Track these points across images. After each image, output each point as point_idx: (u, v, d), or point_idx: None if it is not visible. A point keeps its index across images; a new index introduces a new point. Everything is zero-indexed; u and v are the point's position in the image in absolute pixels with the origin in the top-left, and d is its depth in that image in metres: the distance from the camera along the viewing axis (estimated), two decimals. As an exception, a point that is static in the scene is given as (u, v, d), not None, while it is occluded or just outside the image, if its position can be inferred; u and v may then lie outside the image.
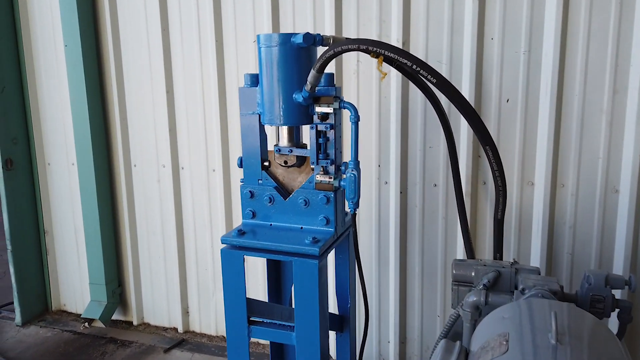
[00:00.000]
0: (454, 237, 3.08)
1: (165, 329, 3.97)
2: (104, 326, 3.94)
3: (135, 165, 3.83)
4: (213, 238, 3.67)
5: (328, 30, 3.06)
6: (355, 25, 3.03)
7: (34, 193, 4.12)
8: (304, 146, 2.15)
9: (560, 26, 2.64)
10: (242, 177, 2.21)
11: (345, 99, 3.13)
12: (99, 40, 3.70)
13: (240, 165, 2.20)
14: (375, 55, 1.88)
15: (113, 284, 3.97)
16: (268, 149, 2.21)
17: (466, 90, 2.85)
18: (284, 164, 2.15)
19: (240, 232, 2.08)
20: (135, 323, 4.03)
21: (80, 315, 4.03)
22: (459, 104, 1.75)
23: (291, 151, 2.12)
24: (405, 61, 1.70)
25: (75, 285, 4.23)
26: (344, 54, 3.13)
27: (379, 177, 3.16)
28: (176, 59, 3.53)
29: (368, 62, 3.05)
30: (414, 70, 1.71)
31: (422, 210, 3.11)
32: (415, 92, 2.97)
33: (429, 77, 1.71)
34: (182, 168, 3.69)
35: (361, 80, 3.10)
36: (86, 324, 3.97)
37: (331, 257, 2.50)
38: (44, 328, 4.04)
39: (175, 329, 3.93)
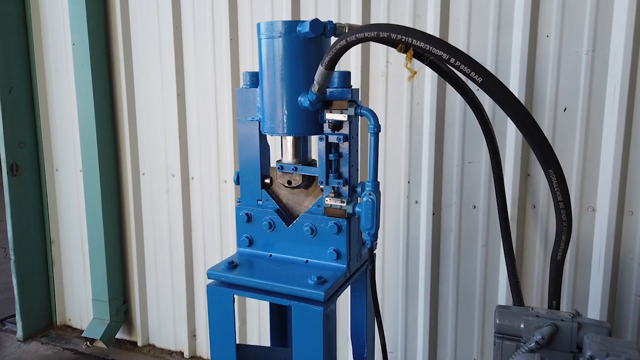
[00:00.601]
0: (495, 268, 2.63)
1: (170, 353, 3.64)
2: (106, 347, 3.65)
3: (143, 174, 3.54)
4: (223, 255, 3.32)
5: (353, 26, 2.68)
6: (386, 19, 2.63)
7: (41, 200, 3.89)
8: (313, 163, 1.78)
9: (633, 20, 2.17)
10: (239, 197, 1.84)
11: (372, 106, 2.77)
12: (109, 38, 3.43)
13: (237, 182, 1.83)
14: (404, 48, 1.47)
15: (117, 301, 3.68)
16: (271, 165, 1.83)
17: (515, 97, 2.40)
18: (287, 185, 1.77)
19: (232, 265, 1.70)
20: (140, 344, 3.72)
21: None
22: (514, 111, 1.30)
23: (296, 169, 1.74)
24: (441, 53, 1.28)
25: (81, 300, 3.97)
26: (370, 52, 2.78)
27: (409, 195, 2.74)
28: (188, 59, 3.22)
29: (399, 63, 2.65)
30: (451, 64, 1.29)
31: (458, 235, 2.68)
32: (453, 98, 2.54)
33: (472, 74, 1.28)
34: (192, 178, 3.37)
35: (390, 84, 2.69)
36: (88, 343, 3.69)
37: (346, 294, 2.10)
38: (45, 345, 3.79)
39: (181, 353, 3.60)
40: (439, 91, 2.54)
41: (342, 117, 1.59)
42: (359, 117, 1.62)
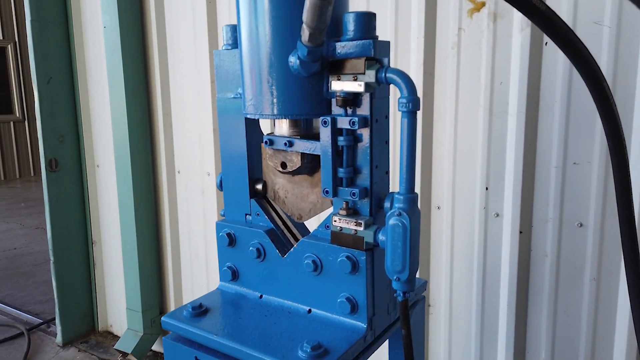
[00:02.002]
0: (610, 311, 1.86)
1: (205, 375, 3.22)
2: (139, 361, 3.31)
3: (179, 172, 3.14)
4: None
5: (414, -18, 2.04)
6: (457, -30, 1.96)
7: (82, 198, 3.65)
8: (318, 136, 1.12)
9: None
10: (223, 209, 1.30)
11: (439, 87, 2.10)
12: (143, 20, 3.07)
13: (221, 187, 1.29)
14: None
15: (153, 311, 3.32)
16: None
17: (649, 67, 1.64)
18: (282, 169, 1.19)
19: (198, 311, 1.16)
20: None
21: (123, 341, 3.46)
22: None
23: (290, 144, 1.14)
24: None
25: (122, 305, 3.68)
26: (437, 17, 2.07)
27: (487, 206, 2.05)
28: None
29: (475, 30, 1.96)
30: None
31: (556, 263, 1.94)
32: (553, 69, 1.82)
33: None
34: (228, 177, 2.90)
35: (464, 58, 2.02)
36: (121, 356, 3.38)
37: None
38: (82, 352, 3.54)
39: (217, 377, 3.16)
40: (532, 60, 1.83)
41: (357, 86, 0.98)
42: (386, 85, 1.00)
